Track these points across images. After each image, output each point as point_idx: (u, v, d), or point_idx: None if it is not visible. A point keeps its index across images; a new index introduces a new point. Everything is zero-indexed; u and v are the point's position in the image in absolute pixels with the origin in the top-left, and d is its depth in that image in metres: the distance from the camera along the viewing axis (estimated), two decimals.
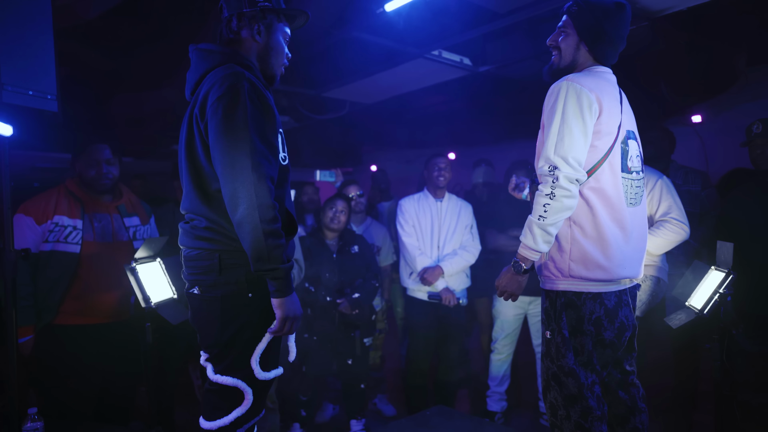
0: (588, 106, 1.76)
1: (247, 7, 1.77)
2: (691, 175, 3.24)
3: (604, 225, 1.84)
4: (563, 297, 1.89)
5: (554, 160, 1.76)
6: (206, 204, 1.69)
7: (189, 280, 1.76)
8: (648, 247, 2.72)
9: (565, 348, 1.87)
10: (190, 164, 1.72)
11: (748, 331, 2.69)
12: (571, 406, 1.84)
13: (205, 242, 1.69)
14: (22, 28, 1.83)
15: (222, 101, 1.57)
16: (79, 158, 2.63)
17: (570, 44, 1.94)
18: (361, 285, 3.33)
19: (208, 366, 1.73)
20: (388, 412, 3.90)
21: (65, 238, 2.49)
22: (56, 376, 2.50)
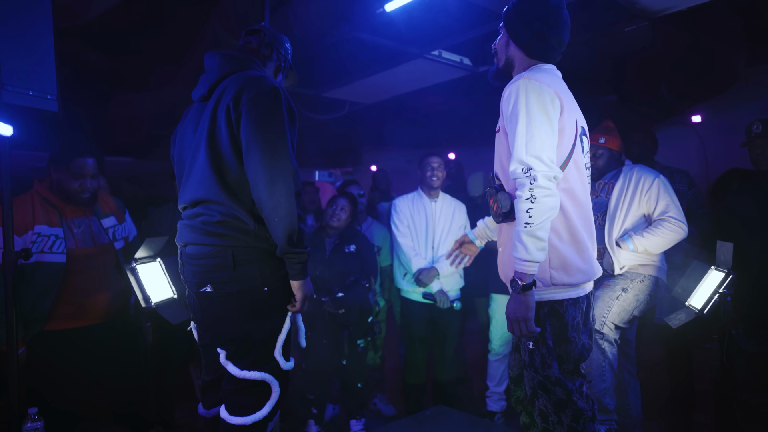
0: (551, 101, 1.70)
1: (283, 53, 2.02)
2: (677, 175, 3.26)
3: (577, 227, 1.79)
4: (546, 306, 1.80)
5: (528, 160, 1.66)
6: (226, 192, 1.71)
7: (199, 279, 1.75)
8: (647, 246, 2.74)
9: (550, 358, 1.80)
10: (211, 154, 1.72)
11: (748, 331, 2.70)
12: (562, 411, 1.79)
13: (217, 238, 1.71)
14: (23, 28, 1.83)
15: (265, 97, 1.68)
16: (60, 167, 2.51)
17: (502, 44, 1.93)
18: (350, 285, 3.33)
19: (229, 365, 1.74)
20: (387, 412, 3.90)
21: (49, 249, 2.42)
22: (55, 383, 2.48)
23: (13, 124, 1.86)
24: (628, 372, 2.92)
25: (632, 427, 2.87)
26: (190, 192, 1.78)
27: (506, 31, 1.90)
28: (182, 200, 1.84)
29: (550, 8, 1.83)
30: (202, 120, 1.78)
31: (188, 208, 1.81)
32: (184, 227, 1.81)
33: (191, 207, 1.79)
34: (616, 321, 2.72)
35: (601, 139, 2.97)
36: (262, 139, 1.65)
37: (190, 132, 1.85)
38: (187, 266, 1.81)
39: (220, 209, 1.71)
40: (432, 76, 4.39)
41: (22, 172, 4.58)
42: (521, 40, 1.86)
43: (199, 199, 1.75)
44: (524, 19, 1.84)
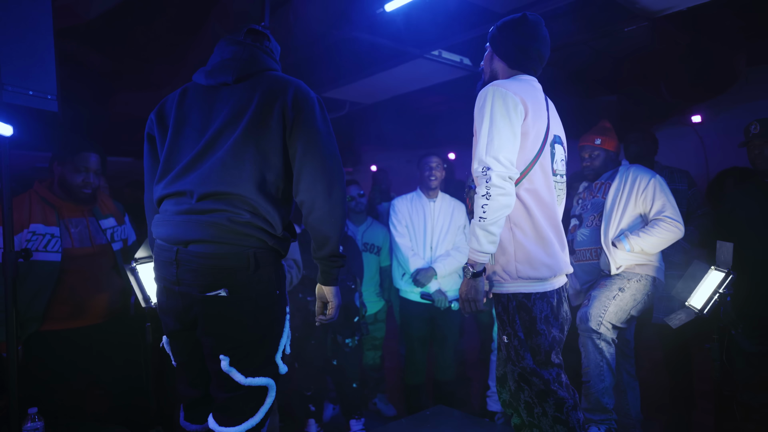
0: (513, 107, 1.83)
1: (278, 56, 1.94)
2: (677, 174, 3.26)
3: (542, 224, 1.92)
4: (514, 300, 1.93)
5: (486, 160, 1.80)
6: (262, 192, 1.63)
7: (209, 281, 1.62)
8: (643, 246, 2.74)
9: (523, 350, 1.92)
10: (255, 149, 1.63)
11: (748, 331, 2.70)
12: (545, 401, 1.89)
13: (241, 238, 1.62)
14: (23, 28, 1.83)
15: (319, 104, 1.71)
16: (65, 161, 2.53)
17: (487, 59, 2.12)
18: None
19: (233, 371, 1.64)
20: (387, 412, 3.90)
21: (44, 247, 2.41)
22: (54, 383, 2.47)
23: (13, 124, 1.86)
24: (627, 372, 2.92)
25: (632, 426, 2.87)
26: (207, 184, 1.62)
27: (491, 46, 2.09)
28: (184, 189, 1.66)
29: (528, 24, 2.01)
30: (234, 109, 1.66)
31: (199, 200, 1.63)
32: (186, 223, 1.64)
33: (202, 200, 1.63)
34: (613, 321, 2.72)
35: (597, 140, 2.97)
36: (324, 142, 1.65)
37: (197, 116, 1.72)
38: (186, 266, 1.64)
39: (249, 209, 1.62)
40: (432, 76, 4.39)
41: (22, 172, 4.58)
42: (503, 52, 2.05)
43: (223, 193, 1.62)
44: (505, 34, 2.04)
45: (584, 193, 3.09)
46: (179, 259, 1.65)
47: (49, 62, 1.91)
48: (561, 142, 2.10)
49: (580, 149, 3.06)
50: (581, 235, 2.98)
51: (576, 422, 1.88)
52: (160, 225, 1.72)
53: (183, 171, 1.68)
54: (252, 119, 1.64)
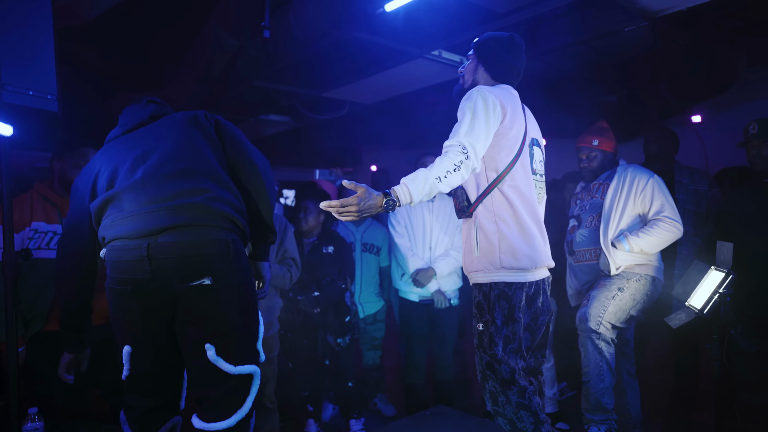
0: (493, 108, 1.98)
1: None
2: (697, 175, 3.23)
3: (525, 218, 2.06)
4: (496, 289, 2.04)
5: (467, 142, 1.91)
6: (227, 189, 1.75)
7: (191, 270, 1.60)
8: (642, 246, 2.74)
9: (497, 337, 2.02)
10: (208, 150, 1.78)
11: (747, 331, 2.69)
12: (509, 389, 2.00)
13: (223, 220, 1.68)
14: (23, 28, 1.83)
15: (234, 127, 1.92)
16: (64, 158, 2.54)
17: (471, 68, 2.26)
18: (327, 284, 3.35)
19: (220, 361, 1.61)
20: (387, 412, 3.90)
21: (47, 245, 2.41)
22: (55, 383, 2.47)
23: (13, 124, 1.86)
24: (627, 372, 2.92)
25: (632, 426, 2.87)
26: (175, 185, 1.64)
27: (476, 57, 2.25)
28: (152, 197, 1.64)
29: (516, 46, 2.23)
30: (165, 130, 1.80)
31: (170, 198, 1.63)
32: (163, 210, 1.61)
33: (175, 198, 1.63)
34: (612, 321, 2.72)
35: (594, 141, 2.97)
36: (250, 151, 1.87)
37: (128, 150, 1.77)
38: (162, 259, 1.59)
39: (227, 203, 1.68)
40: (432, 76, 4.39)
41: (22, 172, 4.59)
42: (490, 66, 2.22)
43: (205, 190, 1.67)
44: (495, 50, 2.21)
45: (582, 194, 3.09)
46: (151, 254, 1.59)
47: (49, 62, 1.91)
48: (539, 145, 2.26)
49: (577, 150, 3.05)
50: (580, 236, 2.98)
51: (537, 406, 2.00)
52: (118, 224, 1.66)
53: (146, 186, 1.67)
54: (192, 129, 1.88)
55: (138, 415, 1.75)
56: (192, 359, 1.66)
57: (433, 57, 3.87)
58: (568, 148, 3.06)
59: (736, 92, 4.13)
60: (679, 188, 3.14)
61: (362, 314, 3.87)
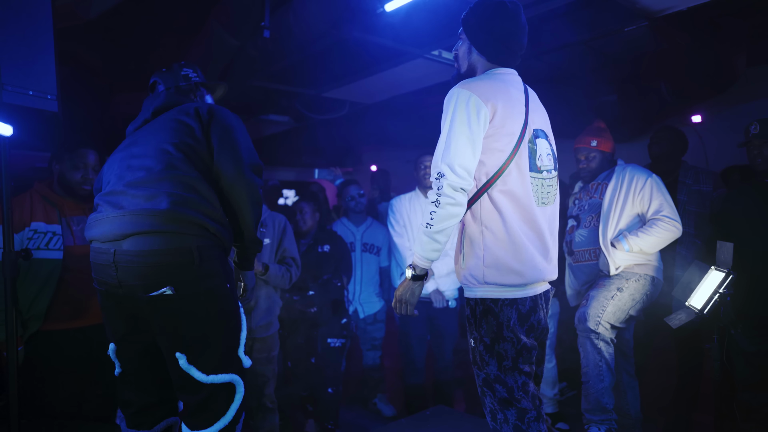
0: (476, 112, 1.74)
1: (183, 82, 2.07)
2: (703, 176, 3.22)
3: (516, 228, 1.82)
4: (482, 305, 1.86)
5: (441, 167, 1.75)
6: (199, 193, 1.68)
7: (151, 280, 1.57)
8: (642, 246, 2.74)
9: (488, 355, 1.85)
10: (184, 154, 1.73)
11: (747, 331, 2.69)
12: (507, 410, 1.83)
13: (180, 225, 1.59)
14: (23, 28, 1.83)
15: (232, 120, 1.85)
16: (62, 159, 2.54)
17: (464, 50, 1.97)
18: (322, 284, 3.35)
19: (192, 369, 1.60)
20: (387, 412, 3.90)
21: (46, 245, 2.42)
22: (55, 382, 2.47)
23: (13, 124, 1.86)
24: (627, 372, 2.92)
25: (632, 427, 2.87)
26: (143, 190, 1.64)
27: (467, 37, 1.94)
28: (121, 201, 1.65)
29: (509, 14, 1.87)
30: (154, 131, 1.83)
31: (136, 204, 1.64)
32: (128, 215, 1.59)
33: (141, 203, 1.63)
34: (611, 321, 2.72)
35: (593, 142, 2.96)
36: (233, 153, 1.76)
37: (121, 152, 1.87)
38: (125, 267, 1.58)
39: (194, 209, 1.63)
40: (432, 76, 4.38)
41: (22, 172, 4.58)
42: (483, 47, 1.91)
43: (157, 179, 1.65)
44: (487, 25, 1.88)
45: (581, 194, 3.09)
46: (117, 261, 1.59)
47: (49, 62, 1.91)
48: (545, 136, 1.95)
49: (575, 151, 3.05)
50: (579, 236, 2.98)
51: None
52: (93, 226, 1.68)
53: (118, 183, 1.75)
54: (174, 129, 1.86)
55: (133, 411, 1.79)
56: (169, 365, 1.67)
57: (433, 57, 3.86)
58: (568, 149, 3.05)
59: (736, 92, 4.12)
60: (682, 189, 3.14)
61: (362, 314, 3.87)
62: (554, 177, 1.97)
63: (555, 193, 1.97)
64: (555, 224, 1.97)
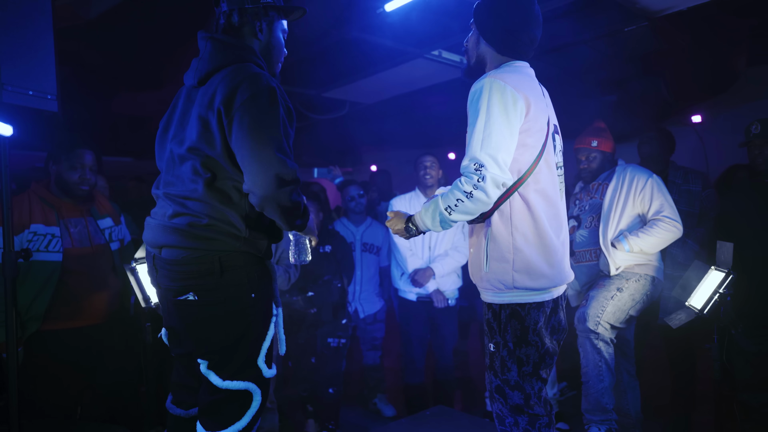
0: (513, 103, 1.64)
1: (250, 3, 1.72)
2: (691, 175, 3.24)
3: (547, 229, 1.74)
4: (508, 309, 1.78)
5: (481, 157, 1.61)
6: (215, 198, 1.60)
7: (178, 286, 1.63)
8: (642, 246, 2.74)
9: (510, 361, 1.77)
10: (201, 156, 1.61)
11: (748, 331, 2.70)
12: (519, 415, 1.77)
13: (204, 242, 1.59)
14: (22, 28, 1.83)
15: (258, 100, 1.54)
16: (59, 160, 2.53)
17: (473, 41, 1.89)
18: (322, 284, 3.33)
19: (211, 374, 1.64)
20: (388, 412, 3.90)
21: (45, 247, 2.42)
22: (54, 383, 2.47)
23: (13, 124, 1.86)
24: (627, 372, 2.92)
25: (632, 426, 2.87)
26: (174, 188, 1.66)
27: (476, 27, 1.86)
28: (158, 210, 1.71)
29: (521, 3, 1.79)
30: (192, 117, 1.64)
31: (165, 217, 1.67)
32: (158, 227, 1.65)
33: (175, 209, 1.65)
34: (611, 321, 2.72)
35: (593, 143, 2.96)
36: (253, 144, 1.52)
37: (177, 121, 1.73)
38: (162, 271, 1.66)
39: (210, 212, 1.60)
40: (432, 76, 4.38)
41: (22, 172, 4.59)
42: (492, 37, 1.82)
43: (181, 205, 1.63)
44: (495, 15, 1.80)
45: (581, 194, 3.09)
46: (156, 265, 1.69)
47: (49, 62, 1.91)
48: (558, 132, 1.93)
49: (576, 151, 3.04)
50: (580, 237, 2.98)
51: None
52: (145, 229, 1.75)
53: (163, 178, 1.74)
54: (200, 127, 1.62)
55: (176, 389, 1.88)
56: (195, 366, 1.71)
57: (433, 57, 3.86)
58: (568, 149, 3.05)
59: (736, 92, 4.12)
60: (672, 189, 3.14)
61: (362, 314, 3.87)
62: (563, 173, 1.95)
63: (563, 189, 1.95)
64: (566, 221, 1.94)
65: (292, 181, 1.56)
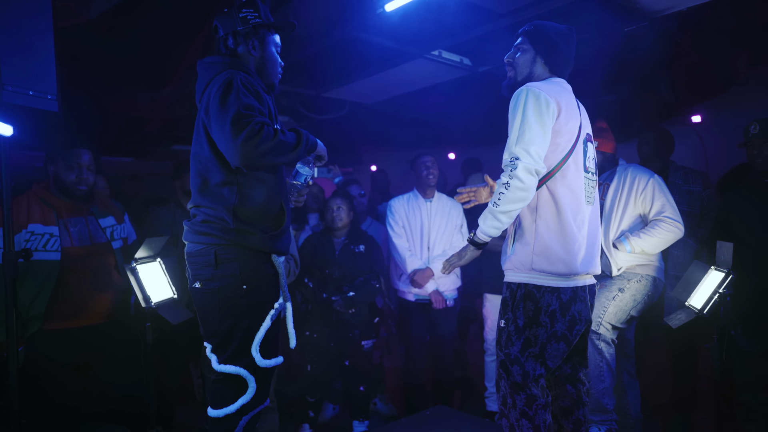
0: (546, 105, 1.89)
1: (241, 26, 1.96)
2: (692, 175, 3.24)
3: (569, 220, 1.94)
4: (524, 288, 1.97)
5: (516, 151, 1.87)
6: (208, 196, 1.83)
7: (191, 276, 1.89)
8: (644, 247, 2.74)
9: (515, 337, 1.95)
10: (195, 159, 1.88)
11: (747, 331, 2.70)
12: (516, 394, 1.93)
13: (203, 236, 1.83)
14: (23, 28, 1.83)
15: (220, 90, 1.74)
16: (56, 160, 2.54)
17: (527, 59, 2.13)
18: (360, 284, 3.32)
19: (213, 357, 1.85)
20: (387, 412, 3.90)
21: (43, 246, 2.42)
22: (54, 382, 2.47)
23: (13, 124, 1.86)
24: (627, 372, 2.92)
25: (632, 426, 2.87)
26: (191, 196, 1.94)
27: (533, 47, 2.12)
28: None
29: (573, 37, 2.14)
30: (194, 130, 1.91)
31: (189, 209, 1.95)
32: (185, 228, 1.93)
33: (189, 209, 1.94)
34: (612, 321, 2.72)
35: (594, 143, 2.96)
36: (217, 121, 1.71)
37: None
38: (187, 265, 1.94)
39: (206, 211, 1.84)
40: (432, 76, 4.38)
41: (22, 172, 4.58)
42: (549, 57, 2.10)
43: (190, 205, 1.92)
44: (555, 41, 2.10)
45: None
46: (186, 259, 1.93)
47: (49, 62, 1.91)
48: (592, 141, 2.18)
49: None
50: None
51: (542, 422, 1.91)
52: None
53: None
54: (195, 138, 1.89)
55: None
56: None
57: (433, 57, 3.86)
58: None
59: (736, 92, 4.12)
60: (672, 189, 3.14)
61: None
62: (596, 180, 2.17)
63: (596, 195, 2.16)
64: (597, 222, 2.13)
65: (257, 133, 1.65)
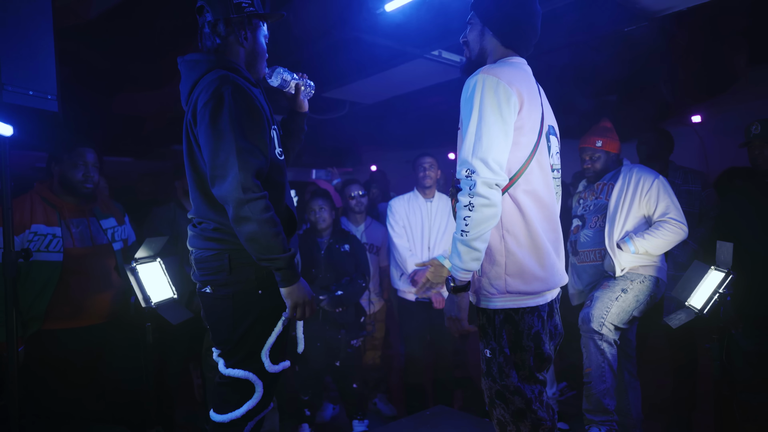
0: (506, 99, 1.60)
1: (234, 13, 1.79)
2: (691, 175, 3.24)
3: (538, 231, 1.70)
4: (501, 314, 1.74)
5: (473, 163, 1.59)
6: (211, 208, 1.76)
7: (200, 280, 1.82)
8: (648, 248, 2.74)
9: (508, 367, 1.73)
10: (192, 170, 1.79)
11: (747, 331, 2.69)
12: (521, 421, 1.73)
13: (215, 243, 1.76)
14: (22, 28, 1.83)
15: (207, 107, 1.64)
16: (61, 159, 2.54)
17: (475, 34, 1.85)
18: (347, 283, 3.33)
19: (220, 361, 1.80)
20: (387, 412, 3.90)
21: (46, 247, 2.42)
22: (54, 382, 2.47)
23: (13, 124, 1.86)
24: (629, 372, 2.92)
25: (632, 427, 2.87)
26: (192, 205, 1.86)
27: (480, 19, 1.83)
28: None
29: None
30: (182, 136, 1.81)
31: (192, 217, 1.88)
32: (190, 233, 1.87)
33: (193, 217, 1.87)
34: (615, 322, 2.72)
35: (598, 143, 2.95)
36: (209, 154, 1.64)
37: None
38: (193, 269, 1.88)
39: (214, 219, 1.76)
40: (432, 76, 4.38)
41: (22, 172, 4.58)
42: (499, 28, 1.79)
43: (194, 214, 1.85)
44: (500, 5, 1.79)
45: (585, 193, 3.08)
46: (193, 263, 1.88)
47: (49, 62, 1.91)
48: (555, 133, 1.88)
49: (580, 151, 3.04)
50: (585, 237, 2.98)
51: None
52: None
53: None
54: (186, 145, 1.79)
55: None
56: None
57: (433, 57, 3.86)
58: (570, 149, 3.05)
59: (736, 92, 4.12)
60: (672, 189, 3.15)
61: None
62: (560, 177, 1.91)
63: (560, 193, 1.92)
64: (559, 223, 1.89)
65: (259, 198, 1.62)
